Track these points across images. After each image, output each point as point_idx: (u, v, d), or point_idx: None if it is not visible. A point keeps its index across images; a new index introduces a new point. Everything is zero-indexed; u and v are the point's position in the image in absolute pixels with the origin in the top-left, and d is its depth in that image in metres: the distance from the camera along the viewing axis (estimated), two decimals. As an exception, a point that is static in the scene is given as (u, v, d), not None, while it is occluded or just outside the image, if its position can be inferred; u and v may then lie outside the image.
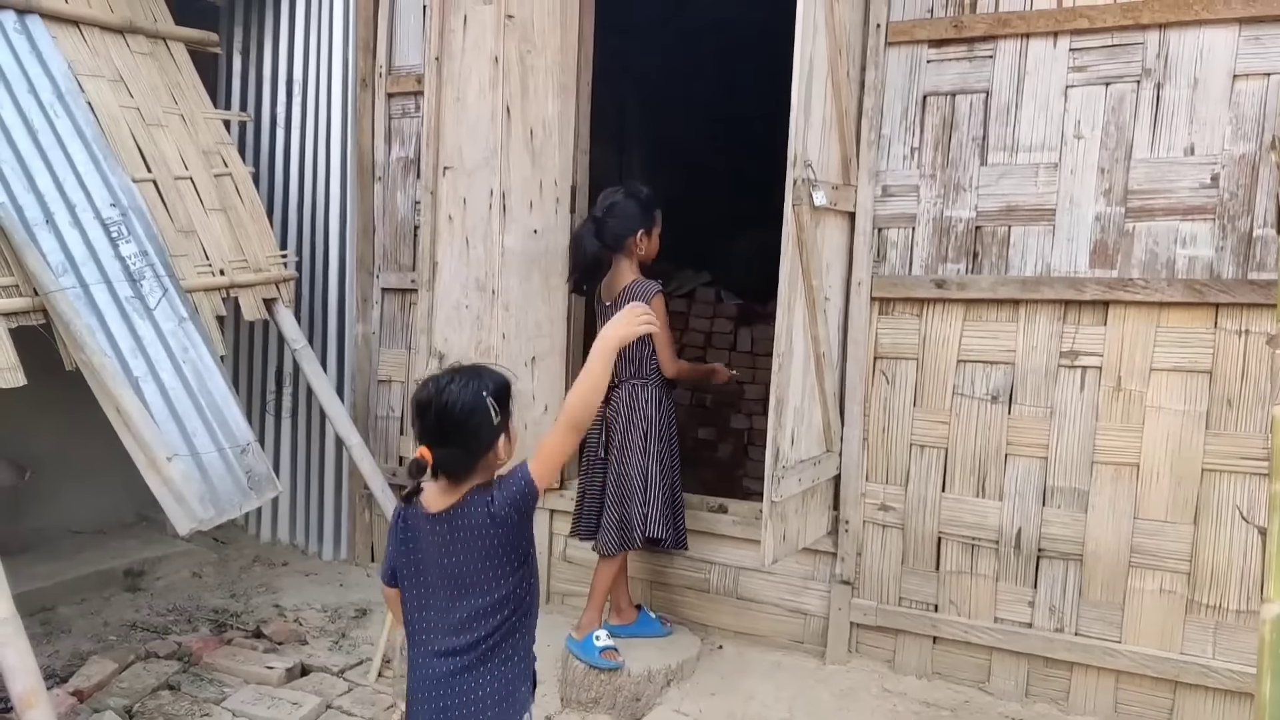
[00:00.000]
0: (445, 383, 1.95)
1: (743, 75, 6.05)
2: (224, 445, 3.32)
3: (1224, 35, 2.89)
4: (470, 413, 1.93)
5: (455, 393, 1.93)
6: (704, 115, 6.69)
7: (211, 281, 3.67)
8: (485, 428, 1.95)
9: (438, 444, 1.92)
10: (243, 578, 4.28)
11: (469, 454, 1.95)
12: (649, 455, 3.35)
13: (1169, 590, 3.04)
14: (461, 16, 3.65)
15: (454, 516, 1.96)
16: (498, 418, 1.96)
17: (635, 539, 3.33)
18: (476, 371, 2.00)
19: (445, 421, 1.92)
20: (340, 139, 4.30)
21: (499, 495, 1.96)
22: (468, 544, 1.96)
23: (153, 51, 3.98)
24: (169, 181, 3.71)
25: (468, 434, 1.93)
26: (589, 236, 3.31)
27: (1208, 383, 2.97)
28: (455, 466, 1.95)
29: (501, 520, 1.95)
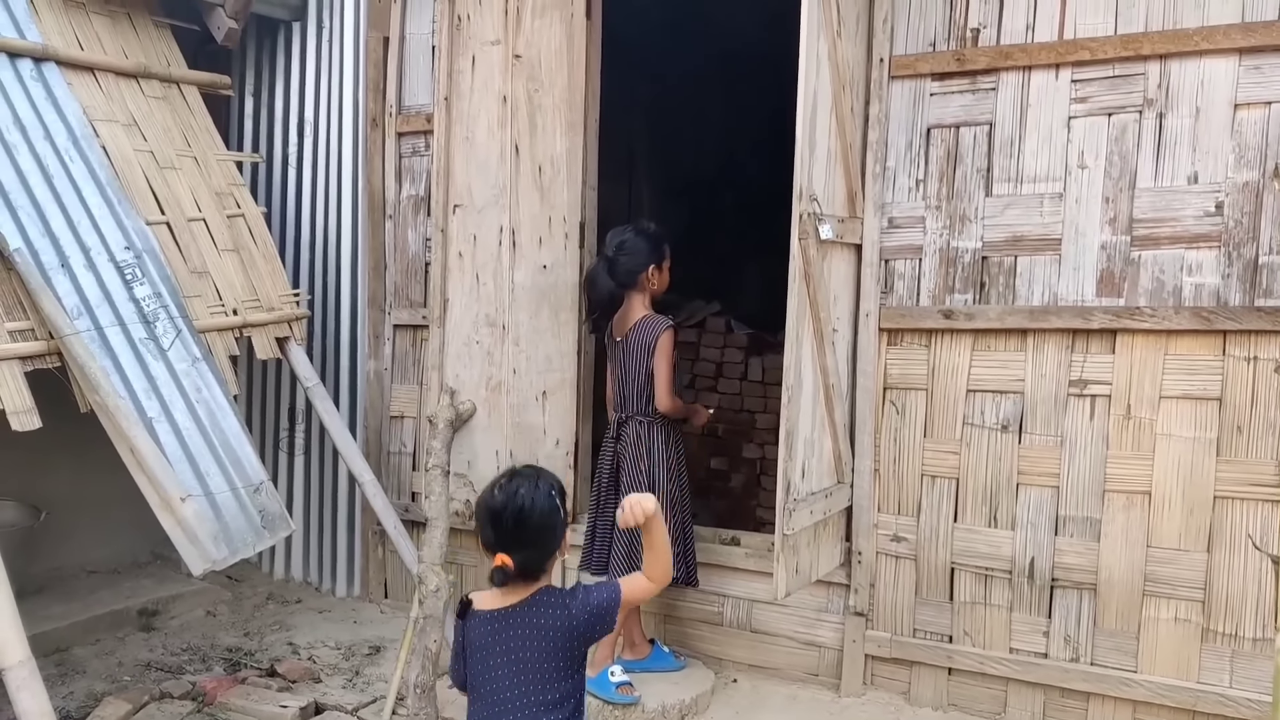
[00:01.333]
0: (515, 489, 2.03)
1: (751, 106, 6.11)
2: (237, 485, 3.34)
3: (1224, 65, 2.92)
4: (546, 515, 2.03)
5: (528, 497, 2.02)
6: (713, 147, 6.75)
7: (224, 321, 3.71)
8: (559, 525, 2.05)
9: (517, 548, 1.99)
10: (256, 616, 4.29)
11: (546, 553, 2.04)
12: (656, 492, 3.35)
13: (1184, 619, 3.02)
14: (470, 57, 3.71)
15: (521, 614, 2.02)
16: (564, 513, 2.07)
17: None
18: (536, 472, 2.10)
19: (524, 526, 2.00)
20: (351, 178, 4.35)
21: (585, 599, 2.04)
22: (532, 640, 2.01)
23: (166, 95, 4.04)
24: (182, 223, 3.76)
25: (546, 535, 2.03)
26: (603, 275, 3.36)
27: (1217, 410, 2.97)
28: (535, 567, 2.03)
29: (577, 624, 2.02)
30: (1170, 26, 2.97)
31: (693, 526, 3.54)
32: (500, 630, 2.03)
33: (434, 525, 3.51)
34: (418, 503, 4.22)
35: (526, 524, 2.00)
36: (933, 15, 3.27)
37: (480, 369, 3.74)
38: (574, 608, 2.02)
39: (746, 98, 6.18)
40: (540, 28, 3.66)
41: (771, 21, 5.46)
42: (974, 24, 3.22)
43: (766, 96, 5.98)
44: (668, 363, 3.35)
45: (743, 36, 5.80)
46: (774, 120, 5.55)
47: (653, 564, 2.13)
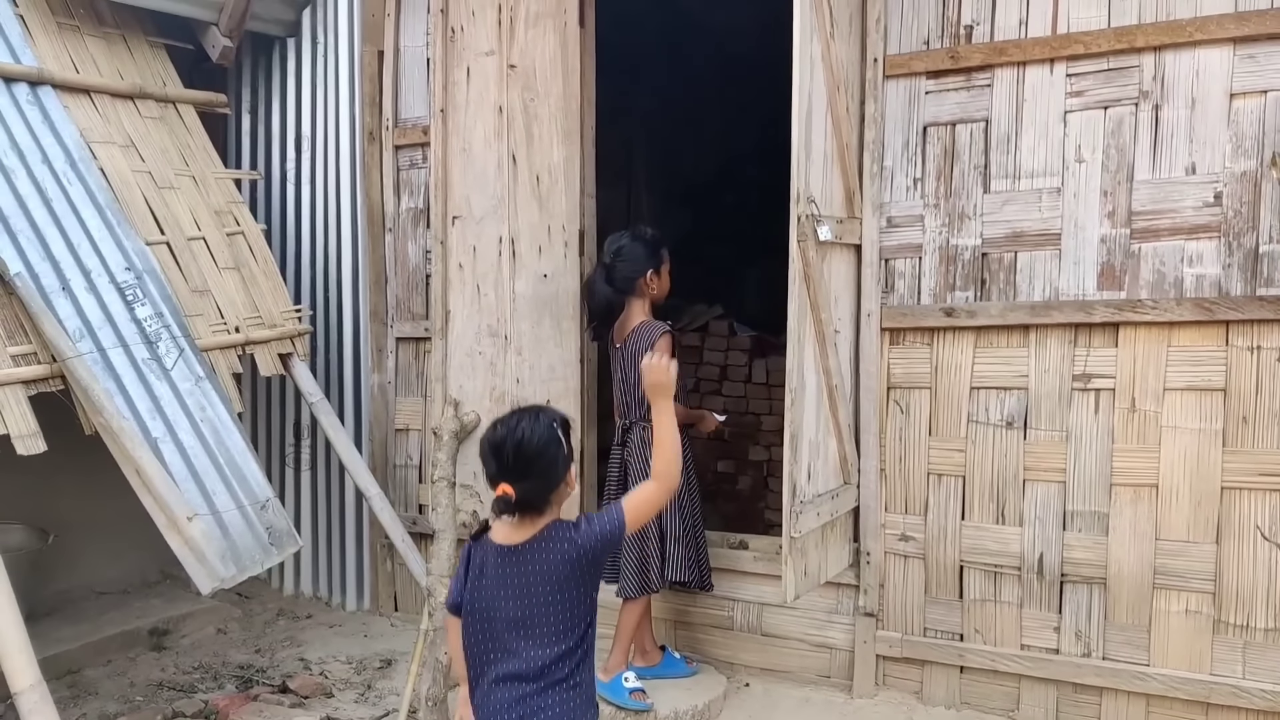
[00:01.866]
0: (515, 422, 2.06)
1: (748, 109, 6.11)
2: (244, 502, 3.35)
3: (1219, 55, 2.92)
4: (546, 444, 2.04)
5: (528, 428, 2.04)
6: (711, 151, 6.75)
7: (227, 339, 3.72)
8: (560, 457, 2.07)
9: (518, 479, 2.01)
10: (267, 632, 4.29)
11: (548, 484, 2.05)
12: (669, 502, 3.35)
13: (1195, 611, 3.01)
14: (464, 69, 3.71)
15: (531, 549, 2.04)
16: (567, 447, 2.09)
17: (653, 582, 3.33)
18: (539, 408, 2.13)
19: (523, 456, 2.02)
20: (350, 192, 4.36)
21: (588, 529, 2.06)
22: (543, 575, 2.03)
23: (163, 115, 4.06)
24: (182, 242, 3.77)
25: (545, 465, 2.04)
26: (600, 282, 3.37)
27: (1222, 400, 2.96)
28: (537, 498, 2.04)
29: (585, 552, 2.03)
30: (1163, 18, 2.97)
31: (704, 531, 3.53)
32: (510, 566, 2.05)
33: (441, 537, 3.51)
34: (425, 515, 4.22)
35: (526, 455, 2.02)
36: (926, 13, 3.27)
37: (484, 380, 3.74)
38: (580, 537, 2.04)
39: (743, 101, 6.19)
40: (534, 37, 3.66)
41: (766, 24, 5.48)
42: (967, 21, 3.22)
43: (763, 99, 5.99)
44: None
45: (738, 40, 5.81)
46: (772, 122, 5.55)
47: (656, 458, 2.14)
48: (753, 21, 5.66)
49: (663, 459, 2.14)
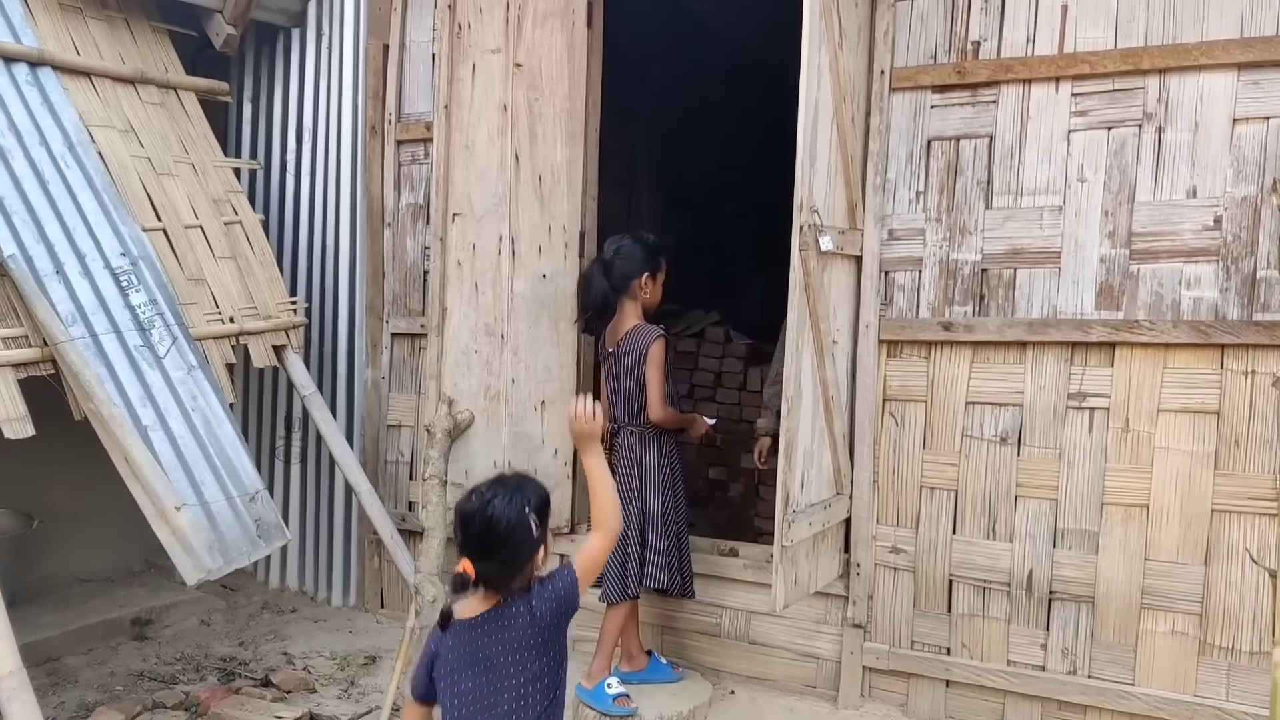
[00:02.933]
0: (489, 497, 2.01)
1: (752, 117, 6.12)
2: (233, 494, 3.32)
3: (1223, 80, 2.93)
4: (513, 529, 1.99)
5: (500, 509, 1.99)
6: (713, 157, 6.75)
7: (221, 329, 3.69)
8: (526, 544, 2.01)
9: (480, 558, 1.97)
10: (251, 625, 4.26)
11: (509, 568, 2.00)
12: (648, 504, 3.35)
13: (1181, 632, 3.02)
14: (470, 65, 3.70)
15: (493, 619, 2.01)
16: (538, 532, 2.02)
17: (632, 587, 3.32)
18: (520, 484, 2.07)
19: (489, 537, 1.98)
20: (350, 186, 4.34)
21: (540, 593, 2.02)
22: (506, 644, 2.00)
23: (163, 101, 4.03)
24: (179, 230, 3.74)
25: (510, 549, 1.99)
26: (597, 276, 3.37)
27: (1215, 423, 2.97)
28: (496, 579, 2.00)
29: (541, 618, 2.00)
30: (1170, 41, 2.98)
31: (689, 538, 3.53)
32: (471, 639, 2.01)
33: (431, 535, 3.49)
34: (415, 512, 4.20)
35: (492, 536, 1.98)
36: (934, 27, 3.27)
37: (479, 378, 3.73)
38: (535, 604, 2.01)
39: (747, 108, 6.19)
40: (541, 36, 3.66)
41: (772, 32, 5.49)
42: (975, 37, 3.23)
43: (767, 107, 6.00)
44: (659, 372, 3.34)
45: (744, 47, 5.82)
46: (775, 131, 5.56)
47: (595, 508, 2.12)
48: (760, 28, 5.68)
49: (602, 509, 2.12)
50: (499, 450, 3.72)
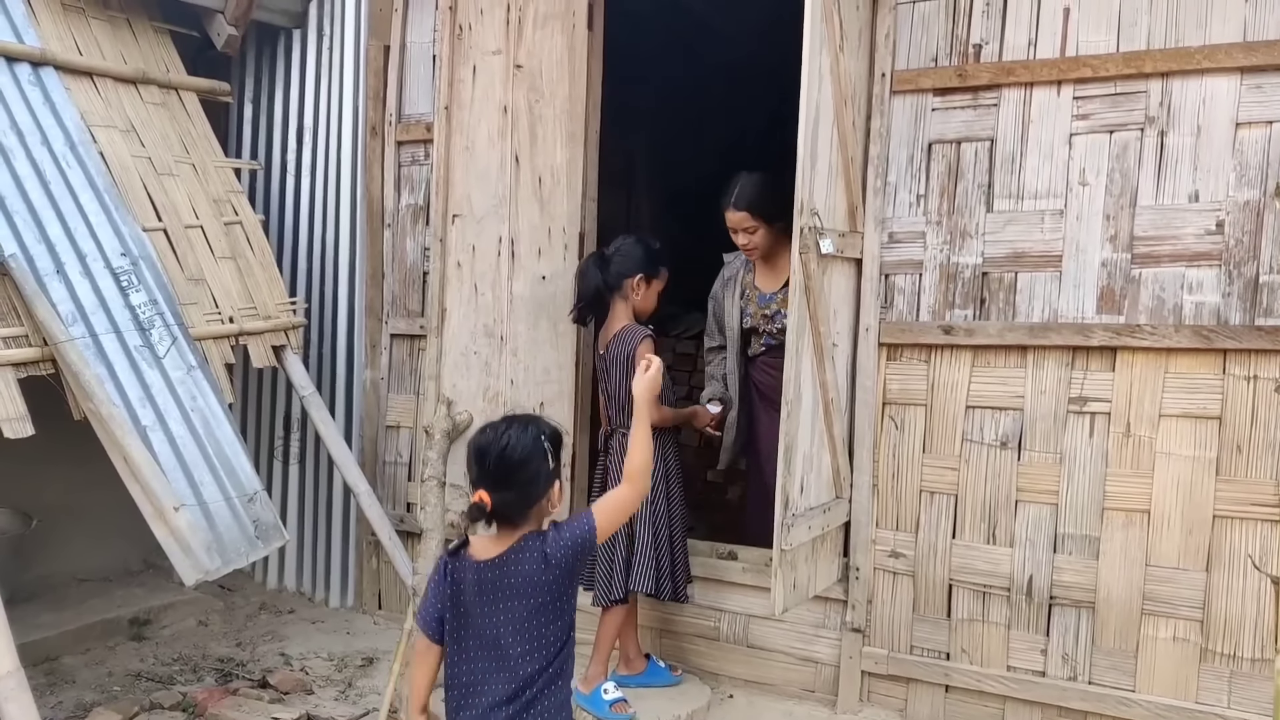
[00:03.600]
0: (504, 429, 2.03)
1: (752, 119, 6.10)
2: (231, 494, 3.32)
3: (1226, 84, 2.92)
4: (529, 456, 2.00)
5: (514, 437, 2.00)
6: (714, 160, 6.71)
7: (221, 329, 3.69)
8: (542, 472, 2.02)
9: (496, 488, 1.98)
10: (249, 626, 4.25)
11: (526, 498, 2.01)
12: (641, 512, 3.31)
13: (1183, 638, 3.01)
14: (471, 66, 3.70)
15: (506, 562, 2.00)
16: (553, 463, 2.04)
17: (618, 590, 3.30)
18: (532, 419, 2.09)
19: (505, 465, 1.99)
20: (350, 186, 4.34)
21: (556, 537, 2.02)
22: (518, 589, 1.99)
23: (165, 101, 4.03)
24: (179, 230, 3.74)
25: (526, 478, 2.00)
26: (593, 269, 3.40)
27: (1217, 429, 2.96)
28: (512, 510, 2.00)
29: (556, 563, 1.99)
30: (1172, 44, 2.97)
31: (686, 541, 3.51)
32: (484, 580, 2.00)
33: (429, 537, 3.49)
34: (413, 513, 4.19)
35: (507, 464, 1.98)
36: (935, 30, 3.27)
37: (478, 380, 3.72)
38: (549, 546, 2.00)
39: (747, 111, 6.18)
40: (541, 38, 3.65)
41: (773, 34, 5.47)
42: (976, 40, 3.22)
43: (767, 109, 5.99)
44: None
45: (745, 49, 5.80)
46: (775, 133, 5.55)
47: (628, 459, 2.14)
48: (761, 30, 5.66)
49: (633, 460, 2.13)
50: (498, 452, 3.70)
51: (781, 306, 3.71)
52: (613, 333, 3.38)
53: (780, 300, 3.71)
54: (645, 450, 2.14)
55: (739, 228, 3.65)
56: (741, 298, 3.84)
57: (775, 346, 3.77)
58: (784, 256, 3.75)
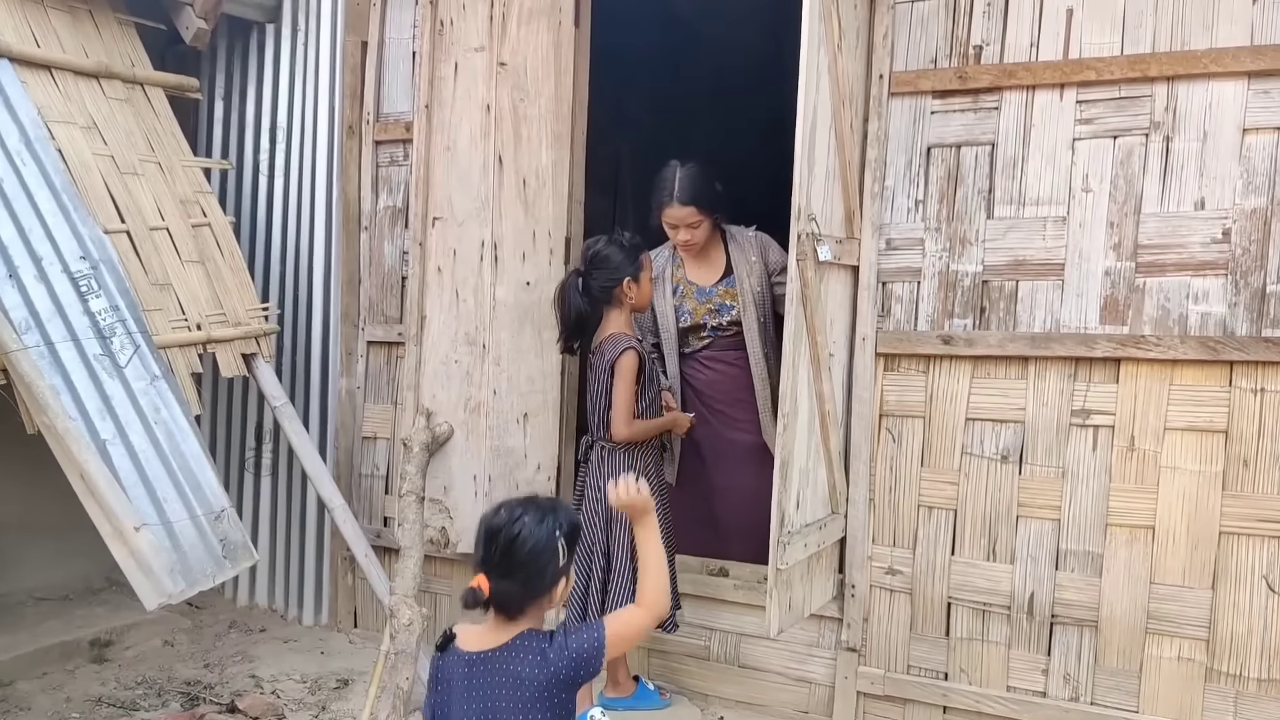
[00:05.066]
0: (519, 514, 1.89)
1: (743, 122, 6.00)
2: (197, 512, 3.15)
3: (1233, 88, 2.84)
4: (540, 552, 1.87)
5: (529, 527, 1.87)
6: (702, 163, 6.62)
7: (187, 337, 3.52)
8: (550, 568, 1.89)
9: (498, 576, 1.85)
10: (218, 645, 4.08)
11: (528, 593, 1.88)
12: (614, 525, 3.18)
13: (1187, 658, 2.92)
14: (452, 64, 3.56)
15: (498, 659, 1.87)
16: (564, 559, 1.91)
17: (593, 613, 3.16)
18: (553, 507, 1.95)
19: (512, 555, 1.86)
20: (325, 187, 4.18)
21: (563, 646, 1.88)
22: (511, 690, 1.85)
23: (129, 97, 3.85)
24: (144, 232, 3.57)
25: (532, 573, 1.88)
26: (574, 292, 3.18)
27: (1223, 442, 2.88)
28: (511, 603, 1.88)
29: (555, 673, 1.85)
30: (1178, 48, 2.88)
31: (672, 565, 3.34)
32: (474, 675, 1.87)
33: (408, 554, 3.34)
34: (390, 528, 4.04)
35: (515, 555, 1.86)
36: (934, 31, 3.17)
37: (459, 389, 3.58)
38: (552, 655, 1.87)
39: (737, 114, 6.08)
40: (526, 35, 3.52)
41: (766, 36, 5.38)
42: (977, 41, 3.12)
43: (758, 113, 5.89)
44: (626, 386, 3.15)
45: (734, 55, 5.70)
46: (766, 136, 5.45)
47: (642, 585, 1.99)
48: (750, 37, 5.57)
49: (648, 585, 1.99)
50: (479, 465, 3.57)
51: (725, 299, 3.60)
52: (603, 337, 3.25)
53: (722, 293, 3.60)
54: (656, 570, 1.99)
55: (683, 223, 3.51)
56: (675, 295, 3.67)
57: (721, 340, 3.65)
58: (716, 247, 3.65)
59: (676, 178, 3.48)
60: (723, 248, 3.68)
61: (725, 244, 3.69)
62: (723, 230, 3.68)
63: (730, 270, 3.64)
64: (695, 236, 3.54)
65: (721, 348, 3.67)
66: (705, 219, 3.52)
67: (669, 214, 3.50)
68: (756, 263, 3.63)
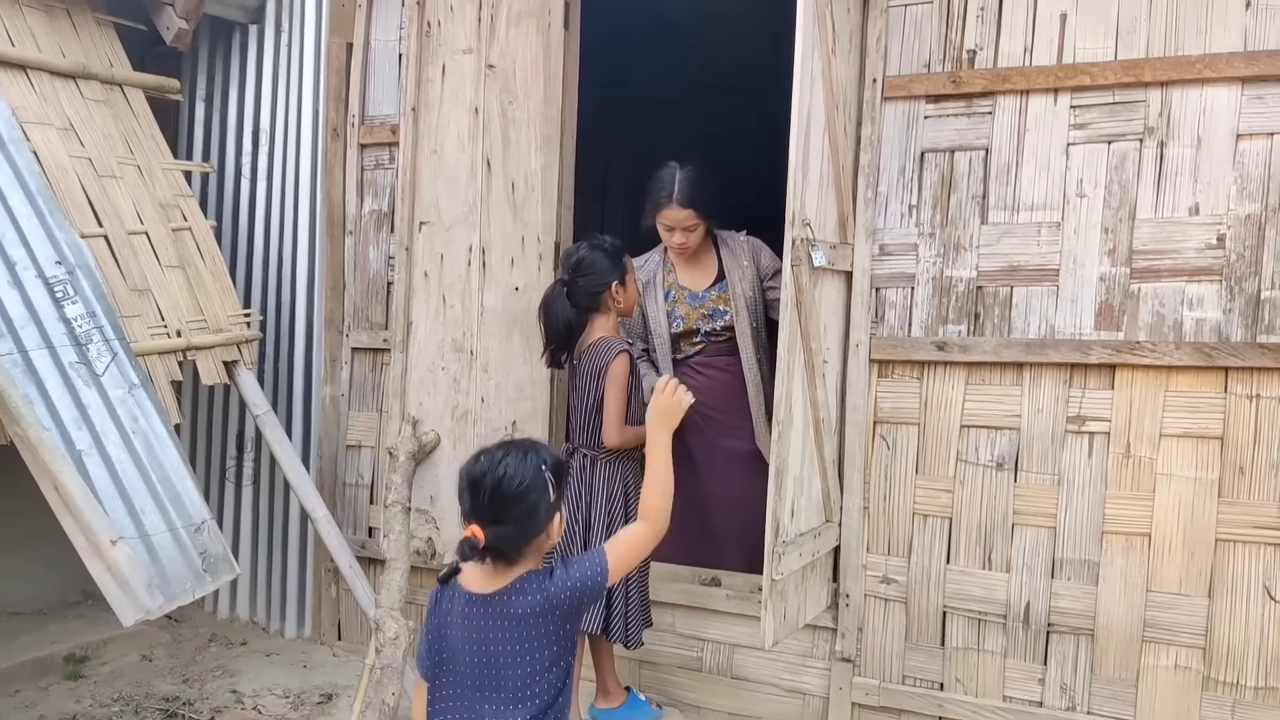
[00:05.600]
0: (500, 456, 1.84)
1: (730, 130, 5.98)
2: (176, 524, 3.06)
3: (1227, 94, 2.83)
4: (529, 488, 1.81)
5: (513, 466, 1.82)
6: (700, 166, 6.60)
7: (166, 344, 3.44)
8: (543, 505, 1.83)
9: (490, 522, 1.79)
10: (198, 660, 3.98)
11: (524, 533, 1.82)
12: (591, 537, 3.10)
13: (1184, 666, 2.90)
14: (440, 66, 3.50)
15: (500, 602, 1.82)
16: (554, 494, 1.85)
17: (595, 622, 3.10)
18: (532, 445, 1.90)
19: (501, 497, 1.80)
20: (309, 191, 4.10)
21: (562, 576, 1.83)
22: (512, 632, 1.80)
23: (107, 98, 3.76)
24: (122, 237, 3.48)
25: (524, 511, 1.81)
26: (559, 301, 3.11)
27: (1219, 449, 2.86)
28: (508, 547, 1.82)
29: (558, 604, 1.81)
30: (1172, 53, 2.87)
31: (645, 578, 3.23)
32: (477, 618, 1.83)
33: (393, 566, 3.27)
34: (375, 538, 3.96)
35: (505, 496, 1.80)
36: (928, 35, 3.14)
37: (445, 397, 3.52)
38: (553, 587, 1.83)
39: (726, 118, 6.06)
40: (515, 37, 3.47)
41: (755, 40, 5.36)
42: (970, 45, 3.10)
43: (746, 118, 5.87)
44: (619, 392, 3.09)
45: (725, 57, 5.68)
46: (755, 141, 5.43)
47: (645, 493, 1.96)
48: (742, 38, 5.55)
49: (651, 494, 1.95)
50: (467, 474, 3.50)
51: (718, 304, 3.57)
52: (589, 342, 3.19)
53: (715, 298, 3.56)
54: (663, 482, 1.95)
55: (680, 226, 3.46)
56: (667, 299, 3.62)
57: (716, 344, 3.61)
58: (707, 252, 3.61)
59: (676, 179, 3.43)
60: (714, 252, 3.64)
61: (716, 249, 3.64)
62: (713, 235, 3.64)
63: (723, 275, 3.60)
64: (691, 240, 3.50)
65: (714, 353, 3.62)
66: (702, 223, 3.48)
67: (666, 215, 3.46)
68: (749, 268, 3.59)
